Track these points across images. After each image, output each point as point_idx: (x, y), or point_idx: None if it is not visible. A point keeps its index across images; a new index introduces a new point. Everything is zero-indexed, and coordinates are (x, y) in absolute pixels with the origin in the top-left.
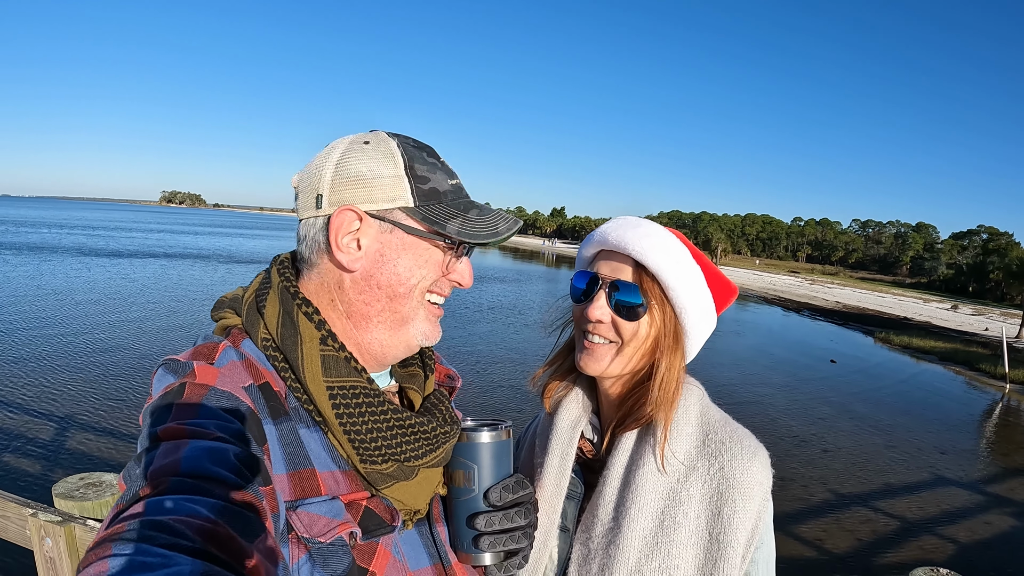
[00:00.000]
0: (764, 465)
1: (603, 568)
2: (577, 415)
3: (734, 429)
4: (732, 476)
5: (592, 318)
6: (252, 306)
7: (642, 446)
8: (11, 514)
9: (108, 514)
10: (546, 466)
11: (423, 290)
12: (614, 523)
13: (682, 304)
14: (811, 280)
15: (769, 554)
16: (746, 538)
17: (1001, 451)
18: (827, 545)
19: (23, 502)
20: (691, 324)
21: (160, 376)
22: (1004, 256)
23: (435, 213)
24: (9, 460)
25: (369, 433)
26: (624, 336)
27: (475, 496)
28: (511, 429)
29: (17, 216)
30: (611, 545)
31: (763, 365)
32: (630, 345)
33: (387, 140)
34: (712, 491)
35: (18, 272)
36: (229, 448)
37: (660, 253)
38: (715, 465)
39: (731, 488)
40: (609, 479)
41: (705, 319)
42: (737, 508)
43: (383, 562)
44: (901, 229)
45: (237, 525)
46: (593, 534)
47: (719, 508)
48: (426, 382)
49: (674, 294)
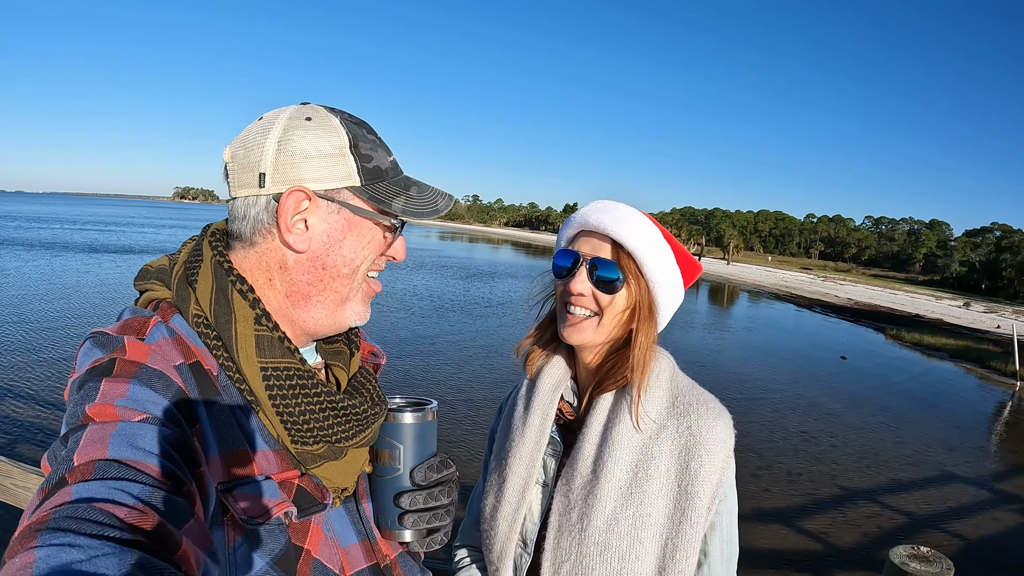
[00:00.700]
0: (727, 425)
1: (582, 516)
2: (557, 379)
3: (700, 393)
4: (699, 434)
5: (574, 291)
6: (183, 280)
7: (618, 406)
8: (32, 486)
9: (33, 498)
10: (527, 425)
11: (365, 271)
12: (592, 475)
13: (655, 279)
14: (823, 277)
15: (732, 507)
16: (711, 490)
17: (1010, 448)
18: (833, 539)
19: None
20: (663, 297)
21: (87, 349)
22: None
23: (380, 192)
24: (27, 448)
25: (302, 415)
26: (603, 307)
27: (400, 475)
28: (436, 411)
29: (31, 212)
30: (590, 495)
31: (774, 361)
32: (608, 315)
33: (329, 116)
34: (680, 447)
35: (29, 267)
36: (159, 430)
37: (636, 234)
38: (683, 424)
39: (698, 444)
40: (588, 436)
41: (675, 292)
42: (704, 463)
43: (316, 539)
44: (914, 226)
45: (166, 511)
46: (573, 486)
47: (687, 462)
48: (351, 359)
49: (648, 270)
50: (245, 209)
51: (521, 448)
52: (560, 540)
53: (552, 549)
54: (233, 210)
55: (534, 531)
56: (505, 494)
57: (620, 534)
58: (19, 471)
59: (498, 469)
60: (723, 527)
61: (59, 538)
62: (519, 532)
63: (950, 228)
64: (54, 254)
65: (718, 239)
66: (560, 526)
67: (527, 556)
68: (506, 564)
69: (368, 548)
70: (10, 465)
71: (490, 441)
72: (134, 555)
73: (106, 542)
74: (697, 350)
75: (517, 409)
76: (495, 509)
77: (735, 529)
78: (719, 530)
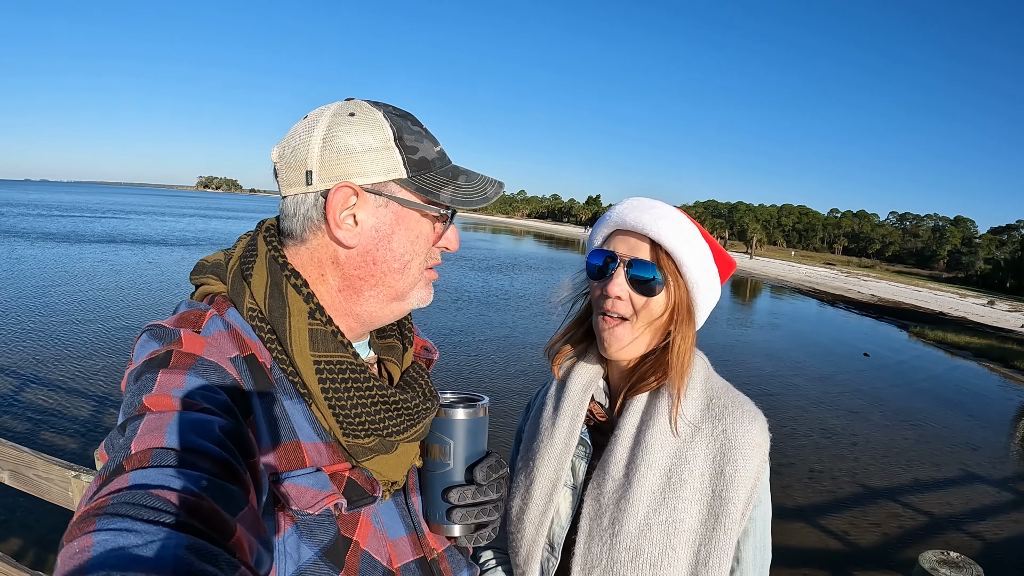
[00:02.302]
0: (763, 429)
1: (614, 521)
2: (588, 380)
3: (736, 395)
4: (734, 438)
5: (612, 294)
6: (238, 274)
7: (652, 408)
8: (55, 476)
9: (91, 485)
10: (557, 426)
11: (419, 266)
12: (625, 479)
13: (695, 279)
14: (847, 272)
15: (766, 512)
16: (746, 496)
17: None
18: (853, 538)
19: (67, 465)
20: (701, 297)
21: (144, 342)
22: None
23: (427, 182)
24: (51, 435)
25: (353, 408)
26: (640, 311)
27: (450, 470)
28: (487, 407)
29: (53, 201)
30: (621, 500)
31: (797, 356)
32: (644, 318)
33: (372, 110)
34: (715, 451)
35: (51, 255)
36: (214, 420)
37: (675, 232)
38: (718, 427)
39: (733, 449)
40: (621, 438)
41: (713, 292)
42: (738, 467)
43: (365, 531)
44: (939, 223)
45: (221, 499)
46: (604, 490)
47: (721, 467)
48: (404, 354)
49: (687, 270)
50: (295, 207)
51: (550, 449)
52: (591, 545)
53: (582, 554)
54: (284, 208)
55: (562, 535)
56: (532, 496)
57: (652, 540)
58: (42, 462)
59: (525, 470)
60: (756, 533)
61: (116, 523)
62: (546, 535)
63: (975, 225)
64: (71, 244)
65: (741, 233)
66: (591, 531)
67: (554, 560)
68: (532, 568)
69: (416, 541)
70: (33, 456)
71: (517, 440)
72: (189, 540)
73: (162, 527)
74: (719, 345)
75: (546, 409)
76: (521, 511)
77: (768, 535)
78: (752, 536)
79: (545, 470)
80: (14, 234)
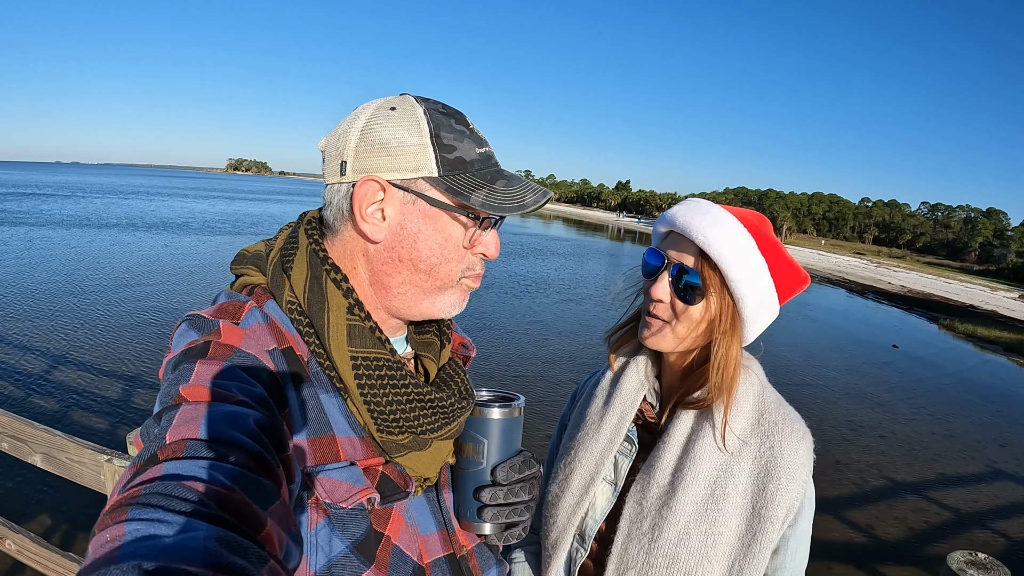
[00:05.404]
0: (809, 450)
1: (654, 527)
2: (642, 379)
3: (787, 412)
4: (781, 456)
5: (654, 296)
6: (278, 266)
7: (702, 419)
8: (87, 460)
9: (124, 473)
10: (605, 420)
11: (452, 272)
12: (670, 487)
13: (741, 294)
14: (877, 263)
15: (800, 533)
16: (784, 515)
17: None
18: (877, 531)
19: (99, 449)
20: (749, 313)
21: (183, 331)
22: None
23: (459, 183)
24: (81, 416)
25: (389, 405)
26: (680, 316)
27: (483, 469)
28: (522, 407)
29: (82, 183)
30: (664, 507)
31: (825, 347)
32: (683, 326)
33: (414, 106)
34: (761, 468)
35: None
36: (249, 413)
37: (724, 243)
38: (766, 444)
39: (778, 467)
40: (669, 446)
41: (764, 309)
42: (781, 486)
43: (397, 526)
44: (971, 214)
45: (252, 492)
46: (648, 495)
47: (764, 484)
48: (441, 351)
49: (734, 284)
50: (330, 196)
51: (594, 443)
52: (628, 547)
53: (619, 554)
54: (324, 196)
55: (594, 528)
56: (570, 485)
57: (690, 549)
58: (74, 446)
59: (565, 457)
60: (787, 554)
61: (148, 513)
62: (577, 526)
63: (1007, 217)
64: (96, 229)
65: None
66: (630, 532)
67: (583, 551)
68: (560, 555)
69: (446, 537)
70: (65, 439)
71: (560, 427)
72: (219, 532)
73: (193, 519)
74: None
75: (595, 401)
76: (557, 497)
77: (804, 554)
78: (780, 555)
79: (586, 461)
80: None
